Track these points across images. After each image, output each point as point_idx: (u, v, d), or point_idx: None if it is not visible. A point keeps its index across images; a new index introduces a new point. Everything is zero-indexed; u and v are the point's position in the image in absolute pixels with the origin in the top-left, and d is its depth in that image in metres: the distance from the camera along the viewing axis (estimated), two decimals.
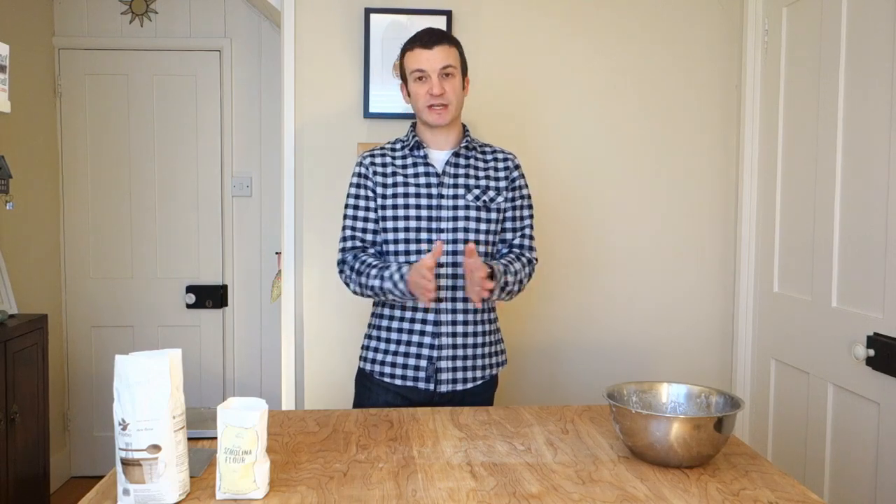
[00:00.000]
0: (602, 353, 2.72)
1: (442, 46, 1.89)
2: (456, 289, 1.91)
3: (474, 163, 1.97)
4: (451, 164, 1.94)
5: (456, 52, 1.93)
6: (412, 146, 1.95)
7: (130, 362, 1.21)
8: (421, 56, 1.88)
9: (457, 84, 1.91)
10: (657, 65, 2.67)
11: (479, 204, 1.93)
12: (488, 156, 2.00)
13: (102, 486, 1.32)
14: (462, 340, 1.93)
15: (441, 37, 1.90)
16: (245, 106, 3.59)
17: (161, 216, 3.59)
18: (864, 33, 2.00)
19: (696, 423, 1.35)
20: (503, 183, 1.98)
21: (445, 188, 1.92)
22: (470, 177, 1.95)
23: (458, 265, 1.90)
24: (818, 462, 2.18)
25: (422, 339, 1.91)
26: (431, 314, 1.91)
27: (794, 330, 2.33)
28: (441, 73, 1.88)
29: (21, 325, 2.65)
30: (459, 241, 1.90)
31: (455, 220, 1.91)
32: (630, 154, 2.69)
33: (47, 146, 3.46)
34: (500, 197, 1.96)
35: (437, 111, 1.89)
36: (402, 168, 1.94)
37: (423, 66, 1.88)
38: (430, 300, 1.74)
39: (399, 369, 1.93)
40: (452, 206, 1.91)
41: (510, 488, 1.30)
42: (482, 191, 1.94)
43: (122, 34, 3.53)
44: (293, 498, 1.26)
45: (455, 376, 1.93)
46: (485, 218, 1.93)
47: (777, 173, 2.45)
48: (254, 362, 3.68)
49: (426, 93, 1.88)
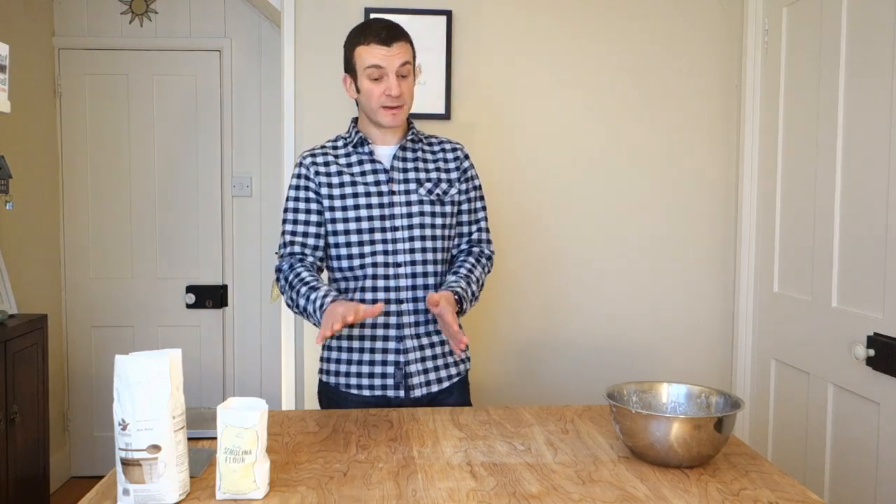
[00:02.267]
0: (602, 353, 2.72)
1: (400, 43, 1.77)
2: (416, 288, 1.82)
3: (422, 155, 1.88)
4: (399, 159, 1.85)
5: (410, 47, 1.82)
6: (356, 143, 1.85)
7: (130, 362, 1.21)
8: (378, 53, 1.76)
9: (411, 84, 1.82)
10: (657, 65, 2.67)
11: (432, 198, 1.84)
12: (435, 147, 1.91)
13: (102, 486, 1.32)
14: (428, 340, 1.85)
15: (399, 32, 1.79)
16: (245, 106, 3.59)
17: (161, 216, 3.59)
18: (864, 33, 2.00)
19: (696, 423, 1.35)
20: (454, 174, 1.89)
21: (396, 184, 1.83)
22: (420, 170, 1.86)
23: (416, 263, 1.82)
24: (818, 462, 2.18)
25: (386, 345, 1.82)
26: (393, 317, 1.82)
27: (794, 330, 2.33)
28: (398, 71, 1.77)
29: (21, 325, 2.65)
30: (416, 237, 1.82)
31: (410, 217, 1.82)
32: (630, 154, 2.69)
33: (47, 146, 3.46)
34: (454, 189, 1.88)
35: (393, 112, 1.79)
36: (346, 167, 1.84)
37: (380, 62, 1.76)
38: (318, 339, 1.59)
39: (366, 379, 1.83)
40: (405, 201, 1.82)
41: (510, 488, 1.30)
42: (434, 184, 1.85)
43: (122, 34, 3.53)
44: (293, 498, 1.26)
45: (428, 378, 1.85)
46: (440, 212, 1.85)
47: (777, 173, 2.45)
48: (254, 362, 3.68)
49: (382, 93, 1.77)
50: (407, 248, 1.82)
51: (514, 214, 2.66)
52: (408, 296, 1.82)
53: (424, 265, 1.83)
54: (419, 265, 1.83)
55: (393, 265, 1.81)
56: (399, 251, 1.81)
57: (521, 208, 2.67)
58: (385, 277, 1.81)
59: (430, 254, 1.84)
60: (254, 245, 3.64)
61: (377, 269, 1.81)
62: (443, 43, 2.57)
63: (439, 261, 1.86)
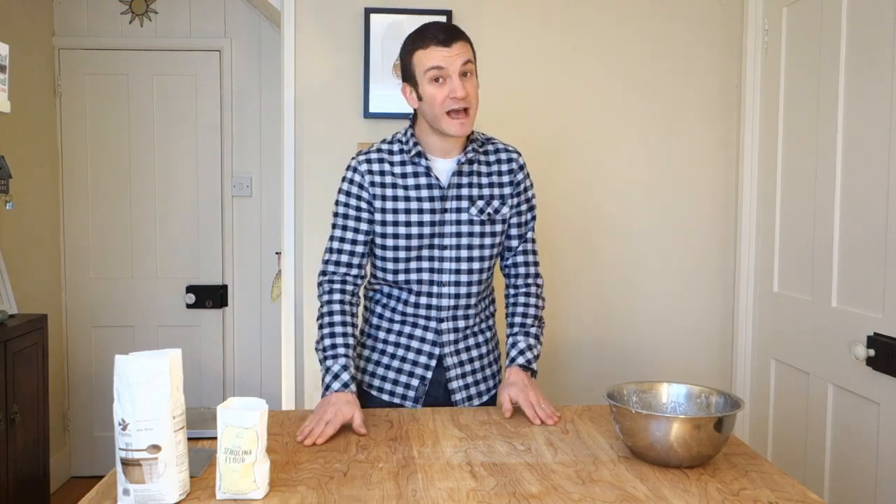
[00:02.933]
0: (602, 353, 2.72)
1: (460, 43, 1.67)
2: (457, 308, 1.81)
3: (478, 168, 1.80)
4: (456, 174, 1.77)
5: (470, 47, 1.71)
6: (413, 154, 1.75)
7: (130, 362, 1.21)
8: (438, 54, 1.65)
9: (475, 84, 1.71)
10: (657, 64, 2.67)
11: (483, 218, 1.79)
12: (491, 157, 1.83)
13: (102, 486, 1.32)
14: (468, 356, 1.86)
15: (457, 32, 1.69)
16: (245, 106, 3.59)
17: (161, 216, 3.59)
18: (864, 33, 2.00)
19: (696, 423, 1.35)
20: (507, 189, 1.82)
21: (449, 201, 1.77)
22: (474, 185, 1.78)
23: (460, 284, 1.79)
24: (818, 462, 2.18)
25: (417, 359, 1.82)
26: (431, 333, 1.81)
27: (794, 330, 2.33)
28: (461, 70, 1.66)
29: (21, 325, 2.65)
30: (463, 258, 1.78)
31: (458, 237, 1.77)
32: (630, 154, 2.69)
33: (47, 146, 3.46)
34: (505, 207, 1.81)
35: (461, 119, 1.67)
36: (401, 178, 1.76)
37: (441, 63, 1.65)
38: (307, 442, 1.53)
39: (388, 384, 1.84)
40: (455, 220, 1.77)
41: (510, 488, 1.30)
42: (486, 202, 1.79)
43: (122, 34, 3.53)
44: (293, 498, 1.26)
45: (469, 393, 1.86)
46: (489, 231, 1.80)
47: (777, 173, 2.45)
48: (254, 362, 3.68)
49: (446, 96, 1.65)
50: (453, 269, 1.79)
51: None
52: (448, 314, 1.81)
53: (469, 286, 1.81)
54: (463, 286, 1.80)
55: (437, 283, 1.79)
56: (445, 270, 1.79)
57: None
58: (428, 295, 1.79)
59: (476, 274, 1.81)
60: (254, 245, 3.64)
61: (421, 285, 1.79)
62: None
63: (483, 280, 1.84)
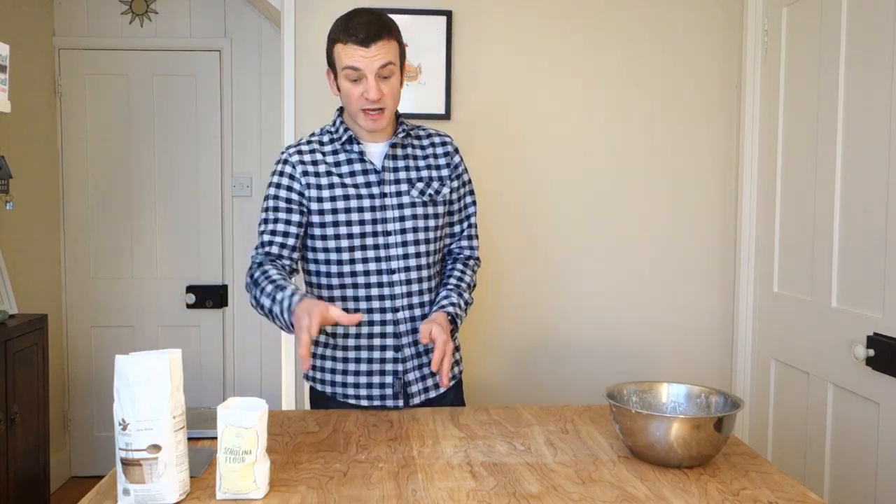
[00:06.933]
0: (602, 353, 2.72)
1: (380, 43, 1.63)
2: (411, 294, 1.76)
3: (412, 151, 1.79)
4: (390, 157, 1.75)
5: (395, 45, 1.67)
6: (344, 140, 1.74)
7: (130, 362, 1.21)
8: (355, 54, 1.62)
9: (395, 84, 1.69)
10: (657, 64, 2.67)
11: (424, 199, 1.76)
12: (424, 141, 1.82)
13: (102, 486, 1.32)
14: (425, 347, 1.79)
15: (379, 31, 1.63)
16: (245, 106, 3.59)
17: (161, 216, 3.59)
18: (864, 33, 2.00)
19: (696, 423, 1.35)
20: (445, 171, 1.81)
21: (387, 185, 1.74)
22: (411, 168, 1.77)
23: (410, 269, 1.75)
24: (818, 462, 2.18)
25: (384, 355, 1.77)
26: (390, 325, 1.76)
27: (793, 330, 2.33)
28: (378, 73, 1.64)
29: (21, 325, 2.65)
30: (409, 242, 1.74)
31: (402, 221, 1.74)
32: (630, 154, 2.69)
33: (47, 146, 3.46)
34: (445, 188, 1.80)
35: (373, 116, 1.67)
36: (335, 166, 1.73)
37: (357, 64, 1.63)
38: (304, 364, 1.48)
39: (364, 389, 1.78)
40: (397, 204, 1.74)
41: (510, 488, 1.30)
42: (426, 183, 1.77)
43: (122, 34, 3.53)
44: (293, 498, 1.26)
45: (426, 385, 1.81)
46: (432, 213, 1.77)
47: (777, 173, 2.45)
48: (254, 362, 3.68)
49: (360, 95, 1.65)
50: (401, 254, 1.75)
51: (513, 214, 2.66)
52: (403, 303, 1.76)
53: (419, 270, 1.77)
54: (413, 270, 1.76)
55: (387, 272, 1.74)
56: (392, 257, 1.74)
57: (520, 208, 2.67)
58: (379, 285, 1.75)
59: (424, 258, 1.78)
60: (254, 245, 3.64)
61: (370, 276, 1.74)
62: (443, 43, 2.57)
63: (433, 263, 1.81)
